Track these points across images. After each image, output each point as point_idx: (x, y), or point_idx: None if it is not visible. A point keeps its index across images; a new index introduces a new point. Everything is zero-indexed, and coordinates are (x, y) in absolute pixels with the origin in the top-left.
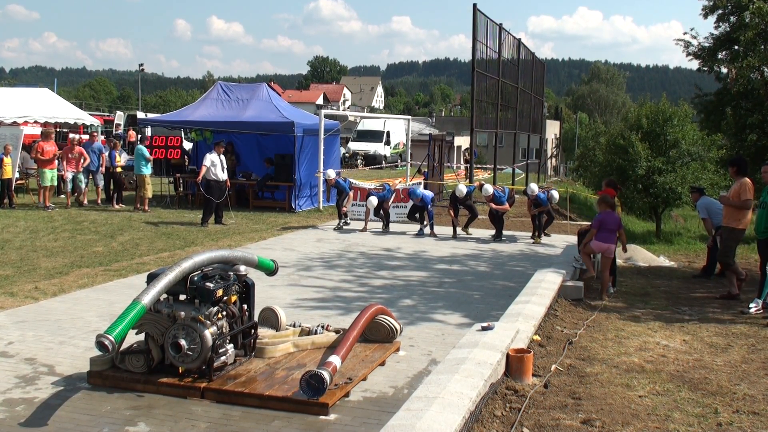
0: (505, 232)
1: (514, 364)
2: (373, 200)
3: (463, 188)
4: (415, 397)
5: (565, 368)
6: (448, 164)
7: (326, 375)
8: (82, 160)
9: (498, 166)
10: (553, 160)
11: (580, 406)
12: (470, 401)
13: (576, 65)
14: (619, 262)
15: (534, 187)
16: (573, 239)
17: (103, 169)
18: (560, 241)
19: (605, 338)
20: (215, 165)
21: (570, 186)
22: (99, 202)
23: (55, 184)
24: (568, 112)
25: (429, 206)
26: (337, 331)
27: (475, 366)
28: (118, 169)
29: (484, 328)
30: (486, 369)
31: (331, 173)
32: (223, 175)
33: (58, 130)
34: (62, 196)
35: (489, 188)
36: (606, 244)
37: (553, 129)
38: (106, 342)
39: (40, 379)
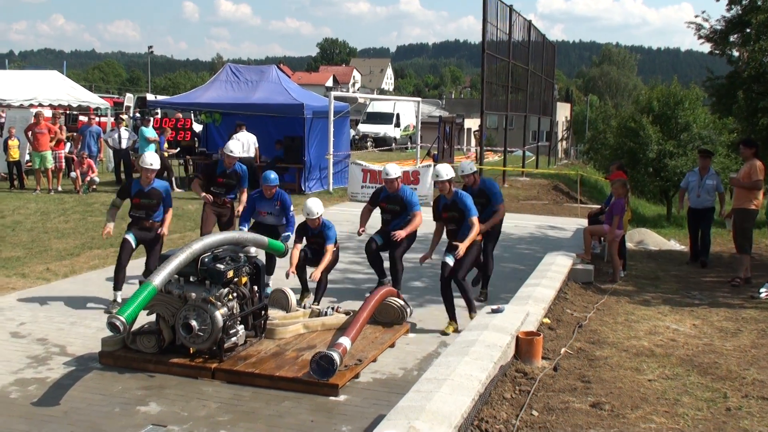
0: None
1: (523, 346)
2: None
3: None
4: (424, 379)
5: (575, 351)
6: (458, 146)
7: (336, 356)
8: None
9: (508, 149)
10: (564, 142)
11: (590, 390)
12: (480, 383)
13: (587, 47)
14: (629, 245)
15: (443, 169)
16: (583, 222)
17: (102, 155)
18: (571, 224)
19: (615, 322)
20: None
21: (580, 169)
22: (78, 188)
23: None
24: (578, 94)
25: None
26: (347, 313)
27: (485, 348)
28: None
29: (493, 311)
30: (495, 351)
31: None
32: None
33: (68, 112)
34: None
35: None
36: (620, 230)
37: (563, 111)
38: (118, 323)
39: (52, 360)
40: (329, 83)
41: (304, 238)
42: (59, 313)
